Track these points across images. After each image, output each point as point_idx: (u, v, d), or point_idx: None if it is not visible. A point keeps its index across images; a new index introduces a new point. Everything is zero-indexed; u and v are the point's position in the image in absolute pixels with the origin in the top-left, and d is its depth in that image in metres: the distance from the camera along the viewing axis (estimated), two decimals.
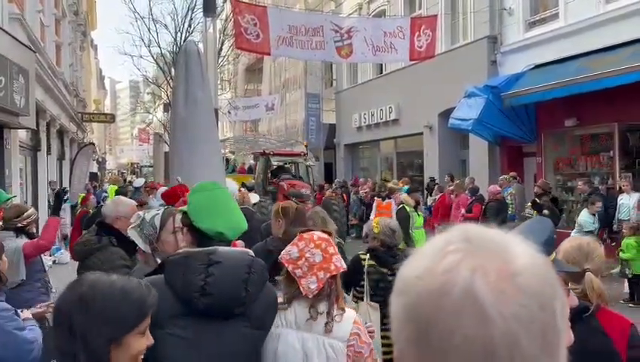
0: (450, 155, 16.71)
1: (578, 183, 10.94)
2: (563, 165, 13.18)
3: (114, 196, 8.48)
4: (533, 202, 10.50)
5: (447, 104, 15.03)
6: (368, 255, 4.28)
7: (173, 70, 17.79)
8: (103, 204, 8.70)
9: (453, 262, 0.66)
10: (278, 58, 24.05)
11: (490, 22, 14.39)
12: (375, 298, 4.13)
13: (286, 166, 17.49)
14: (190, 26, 23.10)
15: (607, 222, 9.92)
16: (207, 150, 5.28)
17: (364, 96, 20.80)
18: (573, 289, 2.26)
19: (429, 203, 14.64)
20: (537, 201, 10.38)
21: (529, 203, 10.87)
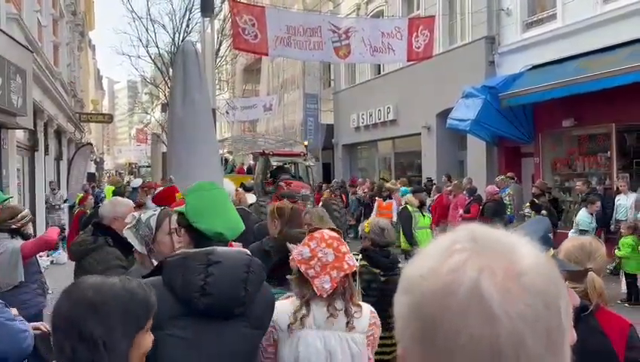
0: (448, 156, 16.72)
1: (576, 183, 10.96)
2: (561, 165, 13.18)
3: (111, 197, 8.47)
4: (532, 202, 10.52)
5: (445, 104, 15.03)
6: (360, 255, 4.28)
7: (171, 70, 17.79)
8: (101, 204, 8.68)
9: (459, 261, 0.66)
10: (276, 58, 24.03)
11: (488, 22, 14.40)
12: (367, 298, 4.11)
13: (285, 166, 17.33)
14: (188, 26, 23.14)
15: (604, 223, 9.95)
16: (205, 150, 5.28)
17: (363, 97, 20.80)
18: (573, 289, 2.26)
19: (426, 203, 14.60)
20: (536, 201, 10.40)
21: (527, 203, 10.88)
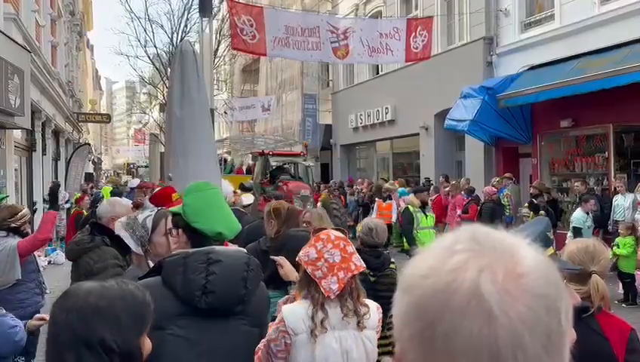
0: (447, 156, 16.73)
1: (575, 184, 10.97)
2: (558, 166, 13.20)
3: (109, 197, 8.47)
4: (531, 202, 10.53)
5: (443, 105, 15.04)
6: None
7: (169, 70, 17.77)
8: (99, 204, 8.66)
9: (460, 261, 0.66)
10: (275, 59, 24.02)
11: (486, 23, 14.41)
12: None
13: (285, 166, 17.23)
14: (186, 26, 23.17)
15: (602, 223, 9.97)
16: (203, 150, 5.27)
17: (361, 97, 20.79)
18: (576, 290, 2.27)
19: (429, 203, 14.58)
20: (534, 201, 10.42)
21: (526, 203, 10.89)
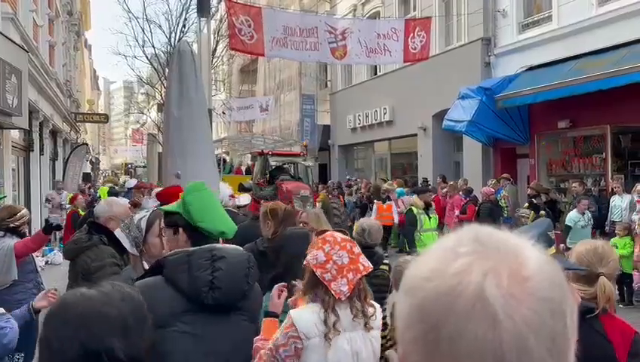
0: (444, 157, 16.74)
1: (573, 184, 10.99)
2: (556, 167, 13.22)
3: (106, 197, 8.46)
4: (530, 202, 10.54)
5: (441, 105, 15.06)
6: None
7: (167, 70, 17.75)
8: (96, 204, 8.65)
9: (464, 264, 0.65)
10: (273, 59, 24.01)
11: (484, 24, 14.43)
12: None
13: (285, 166, 17.10)
14: (184, 26, 23.08)
15: (599, 224, 9.98)
16: (201, 150, 5.27)
17: (359, 98, 20.80)
18: (583, 291, 2.27)
19: (432, 204, 14.57)
20: (534, 201, 10.44)
21: (526, 203, 10.90)
